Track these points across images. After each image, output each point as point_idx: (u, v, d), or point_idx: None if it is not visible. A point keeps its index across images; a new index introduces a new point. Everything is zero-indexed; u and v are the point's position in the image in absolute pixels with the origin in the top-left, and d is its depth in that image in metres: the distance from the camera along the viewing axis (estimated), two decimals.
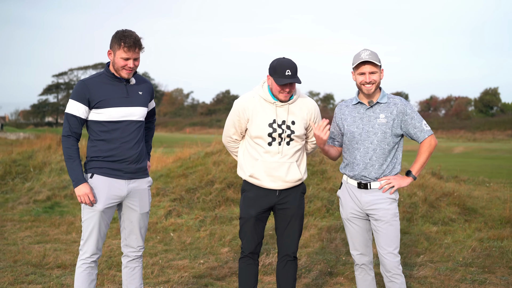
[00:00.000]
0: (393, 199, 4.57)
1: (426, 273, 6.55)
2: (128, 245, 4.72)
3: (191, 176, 10.81)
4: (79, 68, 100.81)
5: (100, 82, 4.45)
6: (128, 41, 4.32)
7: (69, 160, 4.40)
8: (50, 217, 9.80)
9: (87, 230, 4.49)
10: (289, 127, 4.67)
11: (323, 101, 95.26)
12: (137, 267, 4.77)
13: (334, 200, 9.77)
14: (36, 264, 6.64)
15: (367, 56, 4.46)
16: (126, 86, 4.51)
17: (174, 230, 8.79)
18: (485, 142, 44.69)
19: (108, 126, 4.43)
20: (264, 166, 4.68)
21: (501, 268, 6.84)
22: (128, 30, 4.40)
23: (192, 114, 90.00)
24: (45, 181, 12.32)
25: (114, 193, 4.49)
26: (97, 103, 4.39)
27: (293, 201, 4.78)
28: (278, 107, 4.67)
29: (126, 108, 4.47)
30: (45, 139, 15.90)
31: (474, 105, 75.64)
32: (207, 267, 6.74)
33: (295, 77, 4.53)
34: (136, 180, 4.58)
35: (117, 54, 4.37)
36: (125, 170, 4.49)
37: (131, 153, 4.49)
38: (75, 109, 4.40)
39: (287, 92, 4.58)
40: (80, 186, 4.38)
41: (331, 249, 7.70)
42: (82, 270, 4.52)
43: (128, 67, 4.40)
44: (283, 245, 4.86)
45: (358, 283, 4.83)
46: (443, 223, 9.22)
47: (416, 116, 4.55)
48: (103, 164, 4.46)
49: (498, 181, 14.56)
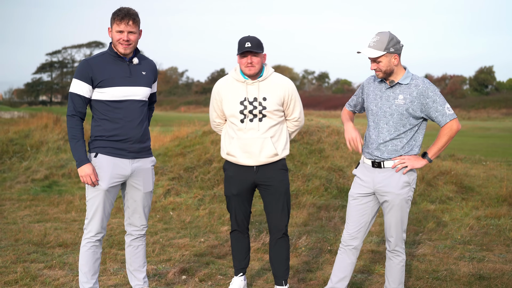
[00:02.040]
0: (406, 183, 4.50)
1: (425, 251, 6.61)
2: (132, 224, 4.75)
3: (189, 155, 10.83)
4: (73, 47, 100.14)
5: (103, 62, 4.47)
6: (120, 13, 4.40)
7: (73, 139, 4.42)
8: (49, 196, 9.81)
9: (92, 209, 4.51)
10: (260, 104, 4.83)
11: (318, 79, 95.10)
12: (140, 245, 4.81)
13: (332, 178, 9.81)
14: (38, 243, 6.67)
15: (372, 44, 4.41)
16: (129, 65, 4.54)
17: (173, 209, 8.82)
18: (480, 121, 44.78)
19: (112, 105, 4.45)
20: (239, 143, 4.86)
21: (498, 246, 6.91)
22: (123, 7, 4.48)
23: (187, 93, 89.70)
24: (43, 160, 12.32)
25: (118, 172, 4.50)
26: (100, 82, 4.41)
27: (274, 178, 4.90)
28: (248, 85, 4.86)
29: (128, 87, 4.48)
30: (41, 118, 15.85)
31: (469, 83, 75.59)
32: (208, 245, 6.78)
33: (254, 48, 4.73)
34: (140, 159, 4.61)
35: (113, 29, 4.43)
36: (129, 149, 4.51)
37: (135, 132, 4.51)
38: (78, 88, 4.42)
39: (249, 64, 4.77)
40: (83, 166, 4.40)
41: (330, 227, 7.75)
42: (87, 248, 4.55)
43: (122, 40, 4.42)
44: (271, 223, 5.00)
45: (336, 263, 4.77)
46: (440, 201, 9.29)
47: (439, 99, 4.41)
48: (107, 144, 4.47)
49: (494, 160, 14.64)
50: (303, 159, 10.37)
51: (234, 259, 5.19)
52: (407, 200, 4.54)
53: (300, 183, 9.55)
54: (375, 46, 4.39)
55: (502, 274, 5.80)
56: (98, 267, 4.63)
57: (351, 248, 4.69)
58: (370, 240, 7.05)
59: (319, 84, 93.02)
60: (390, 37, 4.39)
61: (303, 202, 8.85)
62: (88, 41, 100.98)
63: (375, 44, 4.39)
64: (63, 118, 16.10)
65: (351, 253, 4.70)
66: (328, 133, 11.59)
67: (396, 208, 4.53)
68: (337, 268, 4.75)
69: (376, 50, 4.37)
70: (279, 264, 5.01)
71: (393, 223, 4.57)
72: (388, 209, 4.56)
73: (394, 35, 4.39)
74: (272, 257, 5.04)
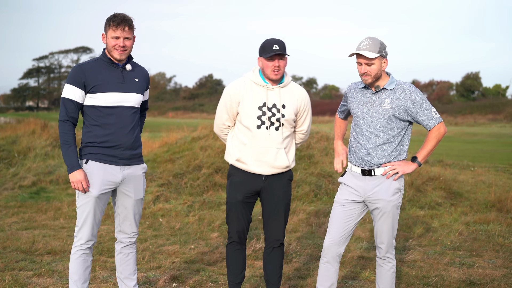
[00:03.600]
0: (397, 190, 4.51)
1: (415, 257, 6.62)
2: (122, 231, 4.72)
3: (178, 161, 10.79)
4: (60, 52, 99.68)
5: (96, 67, 4.44)
6: (116, 19, 4.37)
7: (64, 145, 4.38)
8: (37, 202, 9.74)
9: (82, 216, 4.47)
10: (279, 110, 4.68)
11: (306, 85, 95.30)
12: (131, 253, 4.77)
13: (322, 184, 9.81)
14: (26, 251, 6.61)
15: (364, 47, 4.38)
16: (122, 72, 4.51)
17: (162, 215, 8.78)
18: (467, 126, 45.00)
19: (103, 111, 4.41)
20: (252, 151, 4.69)
21: (488, 252, 6.93)
22: (118, 13, 4.45)
23: (175, 99, 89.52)
24: (30, 166, 12.23)
25: (109, 179, 4.47)
26: (93, 87, 4.38)
27: (279, 188, 4.79)
28: (269, 90, 4.70)
29: (121, 93, 4.45)
30: (28, 123, 15.72)
31: (455, 89, 76.00)
32: (198, 252, 6.75)
33: (282, 51, 4.59)
34: (131, 166, 4.57)
35: (108, 35, 4.40)
36: (120, 156, 4.48)
37: (126, 139, 4.47)
38: (71, 93, 4.38)
39: (276, 67, 4.60)
40: (75, 172, 4.36)
41: (320, 234, 7.74)
42: (77, 256, 4.51)
43: (118, 46, 4.39)
44: (269, 232, 4.87)
45: (320, 272, 4.69)
46: (429, 207, 9.31)
47: (425, 104, 4.45)
48: (98, 150, 4.43)
49: (482, 165, 14.70)
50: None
51: (230, 273, 4.92)
52: (398, 206, 4.55)
53: None
54: (369, 48, 4.37)
55: (492, 280, 5.81)
56: (88, 275, 4.59)
57: (333, 255, 4.62)
58: (360, 246, 7.05)
59: (307, 89, 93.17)
60: (381, 41, 4.42)
61: (293, 208, 8.84)
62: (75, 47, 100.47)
63: (369, 46, 4.38)
64: (50, 124, 16.00)
65: (333, 260, 4.64)
66: (318, 139, 11.61)
67: (388, 214, 4.52)
68: (322, 277, 4.68)
69: (371, 52, 4.37)
70: (273, 271, 4.92)
71: (385, 229, 4.56)
72: (379, 216, 4.55)
73: (382, 41, 4.43)
74: (267, 265, 4.93)
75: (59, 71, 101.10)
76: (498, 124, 47.24)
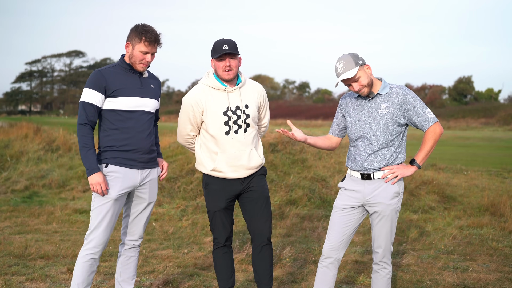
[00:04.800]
0: (396, 194, 4.50)
1: (409, 261, 6.62)
2: (129, 233, 4.72)
3: (171, 165, 10.77)
4: (53, 56, 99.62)
5: (115, 72, 4.49)
6: (149, 36, 4.39)
7: (84, 148, 4.37)
8: (29, 207, 9.70)
9: (97, 219, 4.44)
10: (244, 112, 4.68)
11: (299, 89, 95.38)
12: (133, 256, 4.78)
13: (315, 189, 9.81)
14: (19, 255, 6.57)
15: (342, 70, 4.38)
16: (140, 78, 4.58)
17: (156, 219, 8.76)
18: (459, 130, 45.11)
19: (123, 115, 4.46)
20: (225, 157, 4.66)
21: (482, 256, 6.94)
22: (148, 25, 4.46)
23: (168, 102, 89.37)
24: (23, 170, 12.19)
25: (129, 182, 4.50)
26: (113, 91, 4.42)
27: (255, 184, 4.79)
28: (229, 92, 4.67)
29: (140, 98, 4.52)
30: (21, 127, 15.69)
31: (448, 93, 76.19)
32: (191, 256, 6.73)
33: (233, 50, 4.56)
34: (148, 169, 4.63)
35: (136, 48, 4.43)
36: (138, 159, 4.53)
37: (145, 143, 4.53)
38: (91, 97, 4.40)
39: (227, 67, 4.57)
40: (94, 175, 4.36)
41: (314, 238, 7.73)
42: (85, 260, 4.45)
43: (145, 61, 4.47)
44: (255, 230, 4.82)
45: (318, 276, 4.68)
46: (423, 211, 9.32)
47: (420, 104, 4.45)
48: (117, 154, 4.46)
49: (475, 169, 14.74)
50: (285, 169, 10.37)
51: (220, 279, 4.89)
52: (397, 210, 4.54)
53: (283, 193, 9.54)
54: (346, 68, 4.38)
55: (486, 284, 5.82)
56: (92, 279, 4.57)
57: (332, 260, 4.61)
58: (354, 250, 7.05)
59: (299, 93, 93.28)
60: (351, 54, 4.43)
61: (286, 212, 8.83)
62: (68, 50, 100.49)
63: (345, 67, 4.38)
64: (43, 128, 15.97)
65: (332, 266, 4.63)
66: None
67: (386, 218, 4.51)
68: (319, 281, 4.66)
69: (350, 70, 4.37)
70: (263, 271, 4.86)
71: (383, 234, 4.55)
72: (377, 220, 4.54)
73: (351, 52, 4.45)
74: (256, 265, 4.86)
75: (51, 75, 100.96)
76: (491, 128, 47.40)
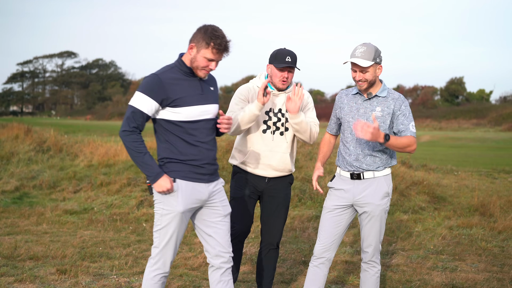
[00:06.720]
0: (386, 194, 4.51)
1: (399, 261, 6.64)
2: (219, 255, 4.17)
3: None
4: (45, 56, 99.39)
5: (175, 78, 4.00)
6: (219, 43, 3.92)
7: (139, 155, 3.92)
8: (19, 208, 9.67)
9: (164, 238, 4.03)
10: (283, 115, 4.84)
11: None
12: (230, 280, 4.25)
13: (306, 189, 9.82)
14: (8, 256, 6.55)
15: (359, 54, 4.36)
16: (200, 82, 4.10)
17: (146, 220, 8.75)
18: (451, 131, 45.27)
19: (185, 126, 3.99)
20: (257, 154, 4.83)
21: (471, 256, 6.97)
22: (219, 29, 3.98)
23: None
24: (13, 171, 12.14)
25: (197, 197, 4.06)
26: (174, 101, 3.95)
27: (280, 190, 4.92)
28: (274, 96, 4.84)
29: (202, 106, 4.05)
30: (11, 128, 15.59)
31: (440, 94, 76.41)
32: (181, 257, 6.73)
33: (294, 64, 4.71)
34: (214, 182, 4.17)
35: (201, 53, 3.95)
36: (205, 172, 4.09)
37: (210, 153, 4.11)
38: (143, 104, 3.92)
39: (285, 78, 4.73)
40: (159, 181, 3.93)
41: (304, 238, 7.75)
42: (156, 281, 4.10)
43: (209, 68, 4.01)
44: (267, 234, 4.97)
45: (308, 276, 4.70)
46: (413, 211, 9.35)
47: (408, 114, 4.44)
48: (183, 167, 4.01)
49: (466, 170, 14.80)
50: None
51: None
52: (386, 210, 4.56)
53: None
54: (364, 56, 4.36)
55: (475, 284, 5.84)
56: None
57: (323, 260, 4.64)
58: (344, 250, 7.06)
59: None
60: (375, 48, 4.41)
61: None
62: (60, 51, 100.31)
63: (363, 54, 4.36)
64: (34, 129, 15.90)
65: (323, 266, 4.66)
66: (302, 144, 11.62)
67: (376, 218, 4.53)
68: (310, 281, 4.70)
69: (365, 60, 4.35)
70: (267, 273, 5.04)
71: (372, 233, 4.57)
72: (367, 220, 4.55)
73: (377, 47, 4.42)
74: (261, 266, 5.03)
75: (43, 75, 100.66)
76: (482, 128, 47.61)
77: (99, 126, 37.27)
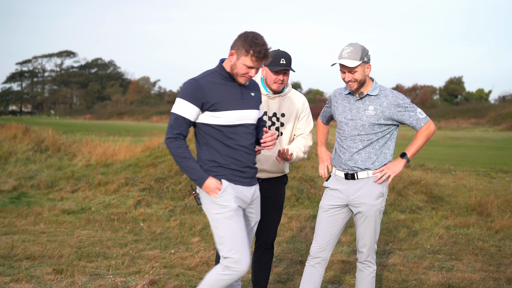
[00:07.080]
0: (380, 194, 4.51)
1: (395, 261, 6.64)
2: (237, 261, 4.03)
3: (160, 165, 10.76)
4: (44, 56, 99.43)
5: (214, 82, 4.01)
6: (259, 51, 3.90)
7: (183, 160, 3.94)
8: (17, 207, 9.67)
9: (228, 230, 3.95)
10: (278, 119, 4.78)
11: None
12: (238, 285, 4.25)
13: (304, 189, 9.82)
14: (4, 256, 6.55)
15: (346, 55, 4.37)
16: (240, 87, 4.07)
17: (143, 220, 8.75)
18: (450, 130, 45.34)
19: (224, 131, 3.99)
20: None
21: (467, 255, 6.97)
22: (259, 36, 3.96)
23: (159, 103, 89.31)
24: (11, 171, 12.15)
25: (243, 199, 4.07)
26: (213, 105, 3.96)
27: (274, 190, 4.90)
28: (270, 99, 4.78)
29: (242, 111, 4.04)
30: (10, 128, 15.59)
31: (439, 93, 76.44)
32: (178, 257, 6.73)
33: (289, 66, 4.67)
34: (254, 186, 4.18)
35: (241, 60, 3.93)
36: (246, 176, 4.09)
37: (250, 158, 4.10)
38: (185, 110, 3.94)
39: (280, 81, 4.70)
40: (206, 183, 3.93)
41: (301, 238, 7.75)
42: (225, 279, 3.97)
43: (249, 75, 3.99)
44: (262, 234, 4.95)
45: (305, 275, 4.70)
46: (410, 211, 9.36)
47: (410, 106, 4.45)
48: (225, 171, 4.02)
49: (464, 169, 14.81)
50: None
51: None
52: (381, 211, 4.56)
53: None
54: (350, 56, 4.37)
55: (471, 283, 5.85)
56: None
57: (320, 260, 4.65)
58: (341, 250, 7.07)
59: None
60: (362, 47, 4.41)
61: None
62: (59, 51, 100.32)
63: (350, 54, 4.37)
64: (32, 129, 15.91)
65: (319, 265, 4.66)
66: None
67: (370, 219, 4.53)
68: (306, 280, 4.70)
69: (353, 60, 4.36)
70: (262, 272, 5.04)
71: (367, 234, 4.57)
72: (361, 220, 4.55)
73: (364, 46, 4.43)
74: (257, 266, 5.03)
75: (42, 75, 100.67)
76: (481, 128, 47.67)
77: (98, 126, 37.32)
